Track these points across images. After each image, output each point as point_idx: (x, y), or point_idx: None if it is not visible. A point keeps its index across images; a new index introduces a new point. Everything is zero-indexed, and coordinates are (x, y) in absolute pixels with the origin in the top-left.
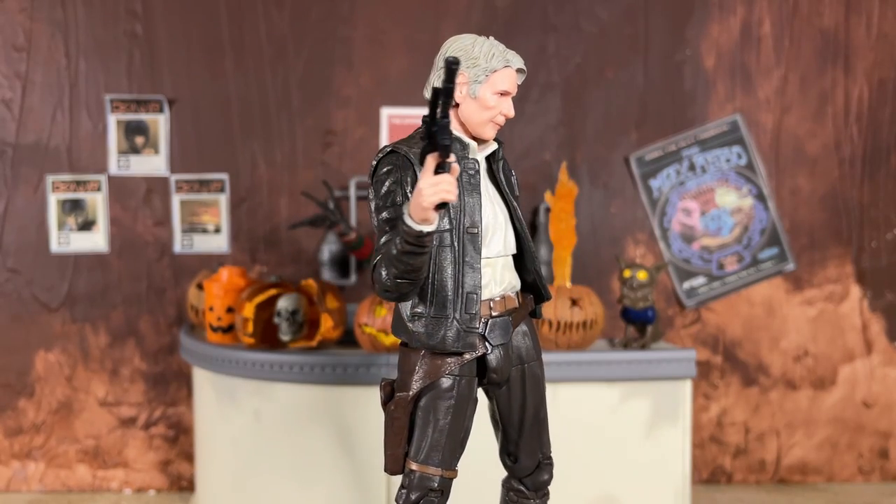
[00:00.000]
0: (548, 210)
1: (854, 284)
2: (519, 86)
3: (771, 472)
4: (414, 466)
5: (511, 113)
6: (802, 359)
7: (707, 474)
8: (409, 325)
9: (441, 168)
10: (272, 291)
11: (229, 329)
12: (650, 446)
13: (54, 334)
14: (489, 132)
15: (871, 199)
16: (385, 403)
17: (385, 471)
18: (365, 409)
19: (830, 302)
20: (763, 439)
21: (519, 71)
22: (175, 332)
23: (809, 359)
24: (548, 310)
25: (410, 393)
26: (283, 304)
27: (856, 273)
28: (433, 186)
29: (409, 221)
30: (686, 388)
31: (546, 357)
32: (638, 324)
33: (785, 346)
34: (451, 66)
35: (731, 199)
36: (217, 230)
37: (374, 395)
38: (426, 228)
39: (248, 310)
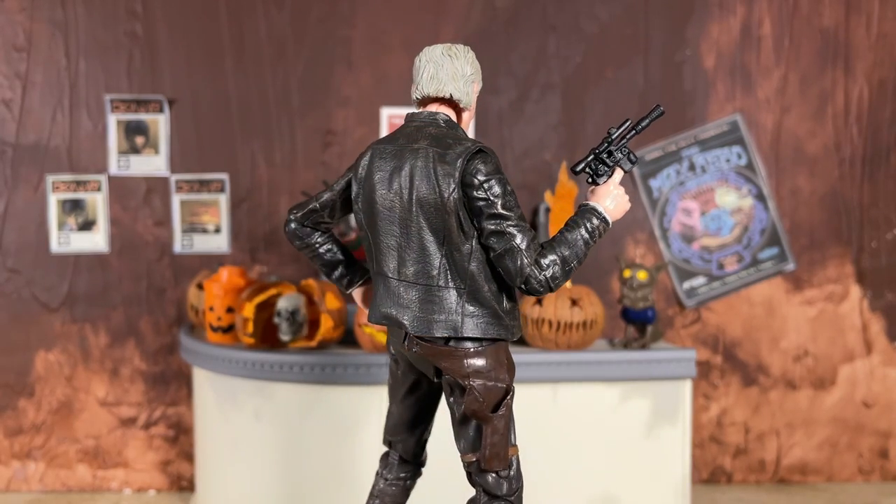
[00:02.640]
0: (548, 210)
1: (854, 284)
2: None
3: (771, 472)
4: (515, 452)
5: None
6: (802, 359)
7: (707, 474)
8: (505, 319)
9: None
10: (272, 291)
11: (229, 329)
12: (650, 446)
13: (54, 334)
14: None
15: (871, 200)
16: (496, 406)
17: (504, 468)
18: (365, 409)
19: (830, 302)
20: (763, 439)
21: None
22: (175, 332)
23: (809, 359)
24: (548, 310)
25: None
26: (283, 304)
27: (856, 273)
28: (626, 194)
29: (609, 218)
30: (686, 388)
31: (546, 357)
32: (638, 324)
33: (785, 346)
34: (662, 115)
35: (731, 199)
36: (217, 230)
37: (373, 396)
38: None
39: (248, 310)
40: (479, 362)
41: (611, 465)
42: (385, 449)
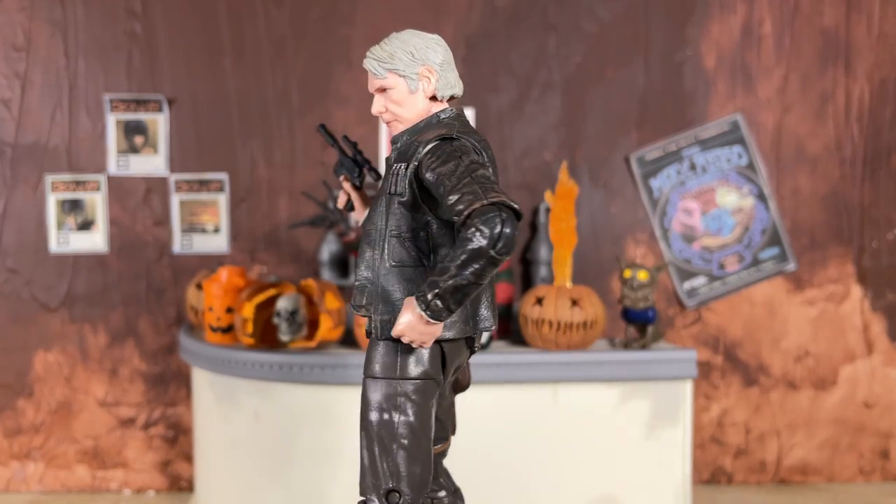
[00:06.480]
0: (548, 210)
1: (855, 284)
2: (374, 84)
3: (771, 473)
4: None
5: (372, 110)
6: (803, 359)
7: (707, 475)
8: None
9: None
10: (272, 291)
11: (229, 329)
12: (650, 447)
13: (53, 334)
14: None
15: (872, 199)
16: None
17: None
18: None
19: (831, 302)
20: (764, 440)
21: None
22: (174, 332)
23: (810, 359)
24: (548, 310)
25: None
26: (283, 304)
27: (857, 273)
28: None
29: None
30: (686, 388)
31: (546, 357)
32: (638, 324)
33: (786, 347)
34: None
35: (732, 199)
36: (216, 230)
37: None
38: None
39: (248, 310)
40: None
41: (611, 465)
42: None
